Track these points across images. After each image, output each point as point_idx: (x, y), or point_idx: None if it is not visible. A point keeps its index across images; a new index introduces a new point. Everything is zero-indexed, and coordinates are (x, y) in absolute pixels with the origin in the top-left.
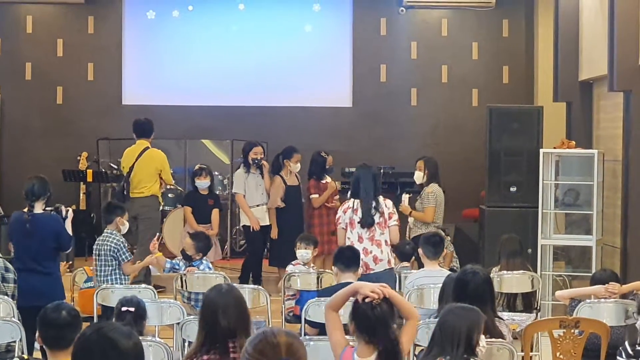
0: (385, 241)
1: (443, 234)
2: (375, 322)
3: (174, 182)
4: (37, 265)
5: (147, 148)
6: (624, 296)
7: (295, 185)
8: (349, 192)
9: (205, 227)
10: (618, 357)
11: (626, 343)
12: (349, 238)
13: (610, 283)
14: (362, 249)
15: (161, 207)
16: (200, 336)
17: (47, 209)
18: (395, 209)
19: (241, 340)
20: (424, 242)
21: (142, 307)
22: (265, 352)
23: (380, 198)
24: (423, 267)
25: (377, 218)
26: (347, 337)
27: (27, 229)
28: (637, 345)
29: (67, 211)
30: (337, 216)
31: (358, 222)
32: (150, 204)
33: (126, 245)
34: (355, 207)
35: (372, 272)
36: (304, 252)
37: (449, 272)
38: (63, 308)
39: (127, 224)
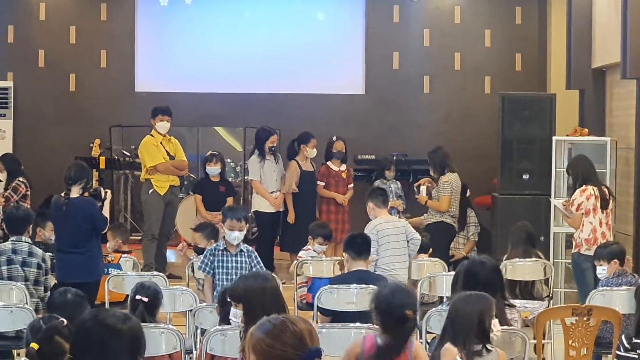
0: (612, 225)
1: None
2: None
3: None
4: (74, 245)
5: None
6: None
7: (310, 171)
8: (575, 181)
9: (217, 214)
10: (617, 352)
11: (622, 337)
12: (591, 223)
13: None
14: (600, 233)
15: (151, 191)
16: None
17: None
18: None
19: None
20: (371, 195)
21: (157, 296)
22: (289, 342)
23: None
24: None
25: (611, 202)
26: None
27: (64, 211)
28: (633, 338)
29: (105, 193)
30: (578, 202)
31: (600, 207)
32: (142, 188)
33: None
34: (595, 193)
35: None
36: (318, 247)
37: (399, 218)
38: (69, 292)
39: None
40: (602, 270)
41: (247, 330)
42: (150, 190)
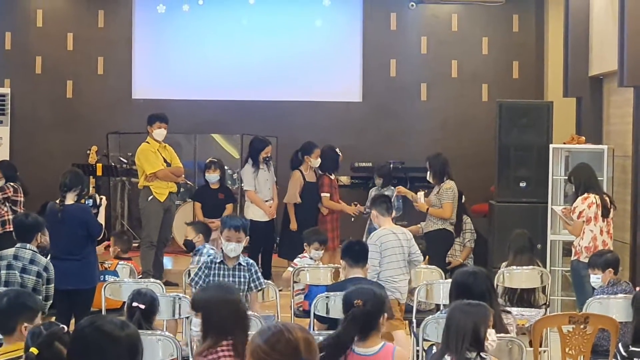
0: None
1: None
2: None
3: (167, 173)
4: (69, 252)
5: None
6: None
7: (313, 182)
8: (578, 188)
9: (215, 221)
10: None
11: (619, 345)
12: (591, 230)
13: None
14: (601, 242)
15: (150, 198)
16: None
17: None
18: None
19: (235, 339)
20: (375, 203)
21: (154, 303)
22: (284, 351)
23: None
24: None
25: (612, 211)
26: None
27: (59, 218)
28: (630, 346)
29: (100, 200)
30: (579, 209)
31: (601, 215)
32: (141, 195)
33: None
34: (597, 201)
35: None
36: (315, 253)
37: (405, 230)
38: (6, 295)
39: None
40: (597, 278)
41: (203, 340)
42: (150, 197)
